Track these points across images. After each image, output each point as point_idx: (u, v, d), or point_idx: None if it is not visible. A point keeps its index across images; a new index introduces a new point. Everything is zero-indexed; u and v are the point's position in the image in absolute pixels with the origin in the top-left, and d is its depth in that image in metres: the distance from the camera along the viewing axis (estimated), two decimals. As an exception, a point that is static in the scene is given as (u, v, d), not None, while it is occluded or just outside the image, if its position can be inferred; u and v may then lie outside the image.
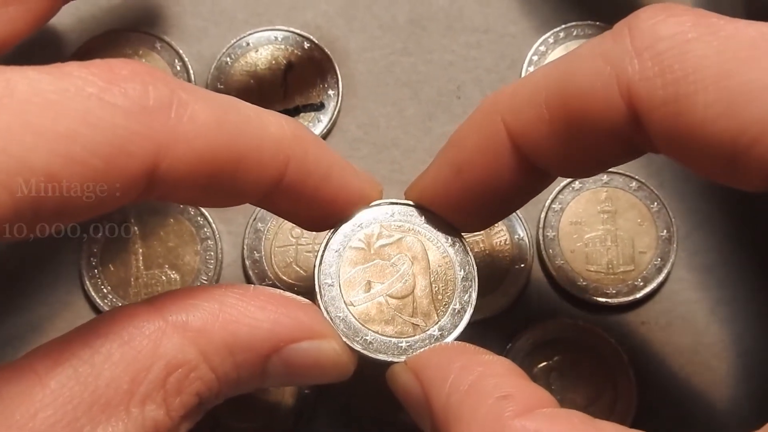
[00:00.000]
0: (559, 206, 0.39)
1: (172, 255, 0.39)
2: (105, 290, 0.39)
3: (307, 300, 0.30)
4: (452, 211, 0.31)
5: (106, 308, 0.38)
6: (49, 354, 0.25)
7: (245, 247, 0.39)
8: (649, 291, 0.38)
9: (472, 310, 0.31)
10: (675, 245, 0.39)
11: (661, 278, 0.39)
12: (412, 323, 0.30)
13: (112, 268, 0.39)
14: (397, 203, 0.32)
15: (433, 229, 0.32)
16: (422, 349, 0.30)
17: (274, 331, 0.27)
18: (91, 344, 0.25)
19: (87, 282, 0.39)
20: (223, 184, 0.27)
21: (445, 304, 0.31)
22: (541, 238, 0.39)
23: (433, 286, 0.31)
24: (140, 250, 0.39)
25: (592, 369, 0.38)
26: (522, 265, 0.39)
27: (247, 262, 0.39)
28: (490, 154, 0.29)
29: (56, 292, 0.39)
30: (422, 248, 0.31)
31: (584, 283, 0.39)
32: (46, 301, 0.39)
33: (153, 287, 0.39)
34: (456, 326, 0.31)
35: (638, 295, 0.38)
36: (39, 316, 0.39)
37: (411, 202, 0.32)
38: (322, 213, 0.30)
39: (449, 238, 0.32)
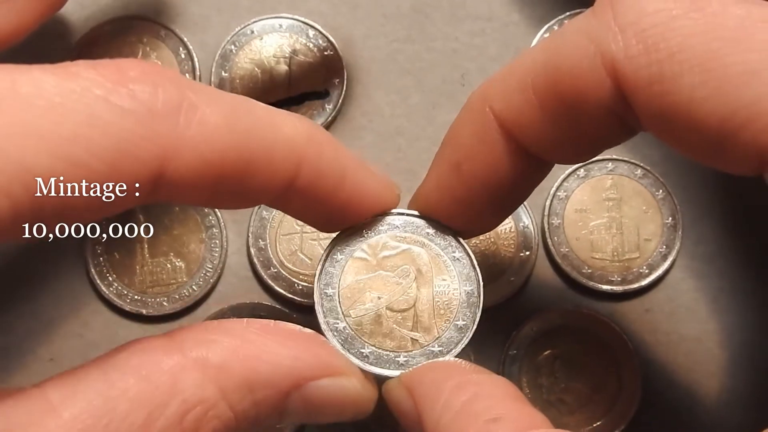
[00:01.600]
0: (564, 194, 0.39)
1: (177, 243, 0.39)
2: (110, 278, 0.39)
3: (325, 338, 0.29)
4: (458, 213, 0.30)
5: (112, 296, 0.38)
6: (65, 383, 0.24)
7: (250, 235, 0.39)
8: (654, 278, 0.38)
9: (475, 328, 0.30)
10: (680, 233, 0.39)
11: (666, 266, 0.39)
12: (412, 338, 0.30)
13: (118, 257, 0.39)
14: (404, 213, 0.31)
15: (440, 242, 0.31)
16: (417, 365, 0.29)
17: (294, 368, 0.27)
18: (108, 377, 0.25)
19: (92, 270, 0.39)
20: (233, 187, 0.26)
21: (447, 320, 0.30)
22: (546, 225, 0.39)
23: (436, 300, 0.30)
24: (145, 238, 0.39)
25: (597, 357, 0.38)
26: (527, 253, 0.39)
27: (252, 250, 0.39)
28: (485, 148, 0.29)
29: (61, 280, 0.39)
30: (428, 261, 0.31)
31: (589, 271, 0.39)
32: (51, 290, 0.39)
33: (158, 275, 0.39)
34: (457, 343, 0.30)
35: (643, 283, 0.38)
36: (44, 305, 0.39)
37: (418, 213, 0.31)
38: (337, 215, 0.30)
39: (456, 253, 0.31)
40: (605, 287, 0.38)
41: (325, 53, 0.41)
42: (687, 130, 0.25)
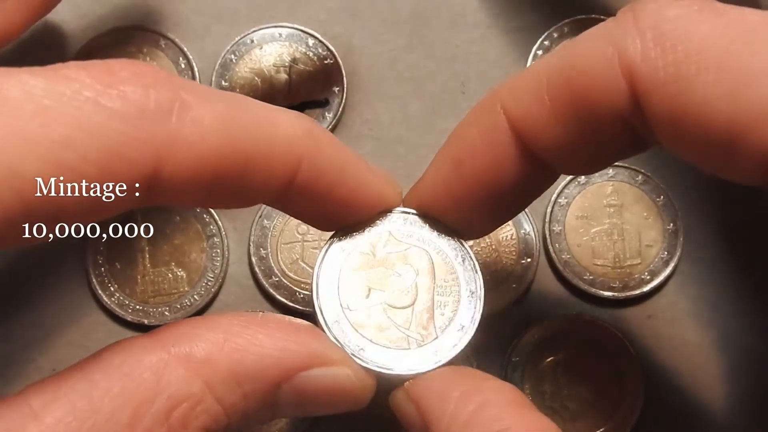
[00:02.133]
0: (565, 200, 0.39)
1: (179, 252, 0.39)
2: (112, 288, 0.39)
3: (316, 327, 0.29)
4: (452, 211, 0.30)
5: (114, 306, 0.38)
6: (46, 388, 0.24)
7: (251, 244, 0.39)
8: (656, 284, 0.38)
9: (473, 332, 0.30)
10: (681, 238, 0.39)
11: (667, 272, 0.39)
12: (408, 336, 0.30)
13: (119, 267, 0.39)
14: (409, 212, 0.31)
15: (444, 243, 0.31)
16: (421, 372, 0.29)
17: (283, 359, 0.26)
18: (90, 378, 0.24)
19: (94, 280, 0.39)
20: (231, 187, 0.26)
21: (446, 321, 0.30)
22: (547, 232, 0.39)
23: (436, 301, 0.30)
24: (146, 248, 0.39)
25: (599, 363, 0.38)
26: (528, 260, 0.39)
27: (253, 259, 0.39)
28: (491, 145, 0.28)
29: (61, 290, 0.39)
30: (429, 261, 0.30)
31: (591, 277, 0.39)
32: (52, 300, 0.39)
33: (159, 285, 0.39)
34: (454, 345, 0.29)
35: (645, 289, 0.38)
36: (45, 315, 0.39)
37: (422, 212, 0.31)
38: (338, 214, 0.29)
39: (459, 255, 0.31)
40: (607, 294, 0.38)
41: (325, 62, 0.41)
42: (697, 133, 0.25)
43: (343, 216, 0.30)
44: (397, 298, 0.30)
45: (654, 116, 0.25)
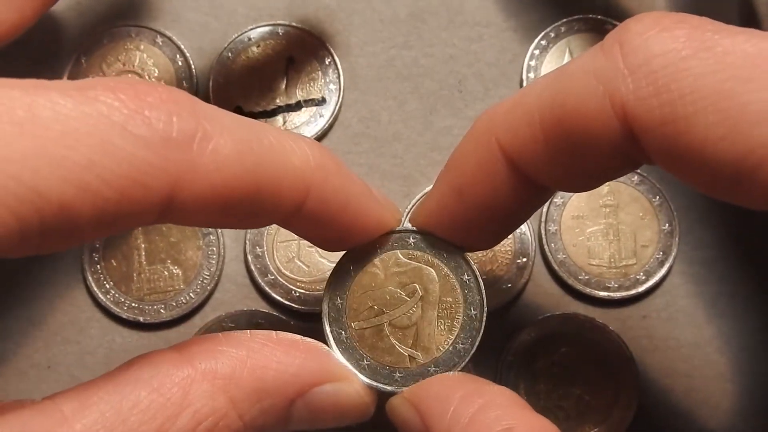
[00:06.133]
0: (561, 200, 0.39)
1: (174, 250, 0.39)
2: (107, 286, 0.39)
3: (325, 346, 0.30)
4: (458, 232, 0.31)
5: (109, 303, 0.39)
6: (77, 396, 0.25)
7: (247, 242, 0.39)
8: (651, 285, 0.39)
9: (473, 352, 0.30)
10: (677, 239, 0.39)
11: (663, 272, 0.39)
12: (410, 355, 0.30)
13: (114, 264, 0.39)
14: (418, 232, 0.31)
15: (451, 263, 0.31)
16: (420, 381, 0.30)
17: (299, 375, 0.28)
18: (120, 390, 0.25)
19: (89, 277, 0.39)
20: (241, 212, 0.27)
21: (447, 342, 0.30)
22: (543, 232, 0.39)
23: (439, 321, 0.30)
24: (142, 246, 0.39)
25: (594, 363, 0.38)
26: (524, 260, 0.39)
27: (249, 257, 0.39)
28: (488, 175, 0.29)
29: (57, 287, 0.39)
30: (436, 281, 0.31)
31: (586, 277, 0.39)
32: (48, 297, 0.39)
33: (155, 282, 0.39)
34: (453, 366, 0.30)
35: (640, 289, 0.38)
36: (41, 312, 0.39)
37: (430, 231, 0.31)
38: (340, 237, 0.30)
39: (465, 276, 0.31)
40: (602, 294, 0.38)
41: (322, 60, 0.41)
42: (701, 168, 0.25)
43: (344, 239, 0.30)
44: (402, 318, 0.31)
45: (653, 153, 0.25)
